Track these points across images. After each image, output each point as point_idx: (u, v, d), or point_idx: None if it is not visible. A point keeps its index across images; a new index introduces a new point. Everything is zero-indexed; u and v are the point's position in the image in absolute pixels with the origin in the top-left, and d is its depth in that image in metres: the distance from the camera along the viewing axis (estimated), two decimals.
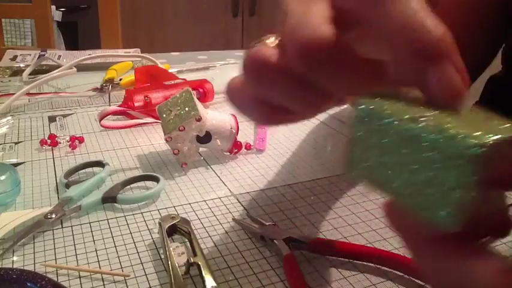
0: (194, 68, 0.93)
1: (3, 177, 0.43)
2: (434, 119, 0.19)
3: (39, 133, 0.59)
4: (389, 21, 0.21)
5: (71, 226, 0.40)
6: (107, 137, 0.58)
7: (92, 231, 0.39)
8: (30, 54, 0.98)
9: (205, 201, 0.44)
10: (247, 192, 0.46)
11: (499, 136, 0.17)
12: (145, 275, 0.34)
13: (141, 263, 0.35)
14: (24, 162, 0.51)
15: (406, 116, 0.19)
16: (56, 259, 0.35)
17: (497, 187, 0.19)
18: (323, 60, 0.21)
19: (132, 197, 0.44)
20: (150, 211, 0.42)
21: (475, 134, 0.17)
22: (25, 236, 0.37)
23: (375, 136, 0.20)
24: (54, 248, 0.37)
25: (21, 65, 0.92)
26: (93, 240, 0.38)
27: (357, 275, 0.35)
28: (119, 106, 0.62)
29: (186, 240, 0.38)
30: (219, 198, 0.45)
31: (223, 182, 0.48)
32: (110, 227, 0.40)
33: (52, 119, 0.64)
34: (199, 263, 0.34)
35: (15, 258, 0.35)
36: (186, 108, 0.49)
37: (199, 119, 0.48)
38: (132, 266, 0.35)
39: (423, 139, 0.18)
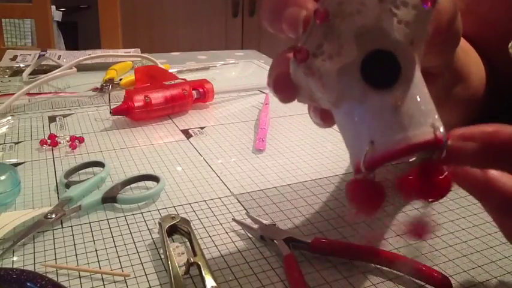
0: (194, 68, 0.93)
1: (3, 177, 0.43)
2: None
3: (39, 133, 0.59)
4: None
5: (71, 226, 0.40)
6: (107, 137, 0.58)
7: (92, 231, 0.39)
8: (30, 54, 0.98)
9: (205, 201, 0.44)
10: (247, 192, 0.46)
11: None
12: (145, 275, 0.34)
13: (141, 263, 0.35)
14: (24, 162, 0.51)
15: None
16: (56, 259, 0.35)
17: None
18: None
19: (132, 197, 0.44)
20: (150, 211, 0.42)
21: None
22: (25, 236, 0.37)
23: None
24: (54, 248, 0.37)
25: (21, 65, 0.92)
26: (93, 240, 0.38)
27: (356, 275, 0.35)
28: (118, 106, 0.62)
29: (186, 240, 0.38)
30: (219, 198, 0.45)
31: (223, 182, 0.48)
32: (110, 227, 0.40)
33: (52, 119, 0.64)
34: (199, 263, 0.34)
35: (15, 258, 0.35)
36: None
37: None
38: (132, 266, 0.35)
39: None
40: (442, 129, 0.23)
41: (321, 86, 0.24)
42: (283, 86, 0.26)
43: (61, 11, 2.17)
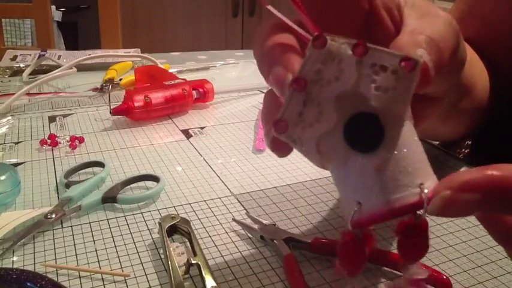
0: (194, 68, 0.93)
1: (3, 177, 0.43)
2: None
3: (39, 133, 0.59)
4: None
5: (71, 226, 0.40)
6: (107, 137, 0.58)
7: (92, 231, 0.39)
8: (30, 54, 0.98)
9: (205, 201, 0.44)
10: (247, 192, 0.46)
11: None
12: (145, 275, 0.34)
13: (141, 263, 0.35)
14: (24, 162, 0.51)
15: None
16: (56, 259, 0.35)
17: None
18: None
19: (132, 197, 0.44)
20: (150, 211, 0.42)
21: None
22: (25, 236, 0.37)
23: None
24: (54, 248, 0.37)
25: (21, 65, 0.91)
26: (93, 240, 0.38)
27: None
28: (118, 106, 0.62)
29: (186, 240, 0.38)
30: (219, 198, 0.45)
31: (223, 182, 0.48)
32: (110, 227, 0.40)
33: (52, 119, 0.64)
34: (199, 263, 0.34)
35: (15, 258, 0.35)
36: None
37: None
38: (132, 266, 0.35)
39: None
40: (426, 191, 0.22)
41: (303, 152, 0.25)
42: (279, 147, 0.27)
43: (61, 11, 2.17)
